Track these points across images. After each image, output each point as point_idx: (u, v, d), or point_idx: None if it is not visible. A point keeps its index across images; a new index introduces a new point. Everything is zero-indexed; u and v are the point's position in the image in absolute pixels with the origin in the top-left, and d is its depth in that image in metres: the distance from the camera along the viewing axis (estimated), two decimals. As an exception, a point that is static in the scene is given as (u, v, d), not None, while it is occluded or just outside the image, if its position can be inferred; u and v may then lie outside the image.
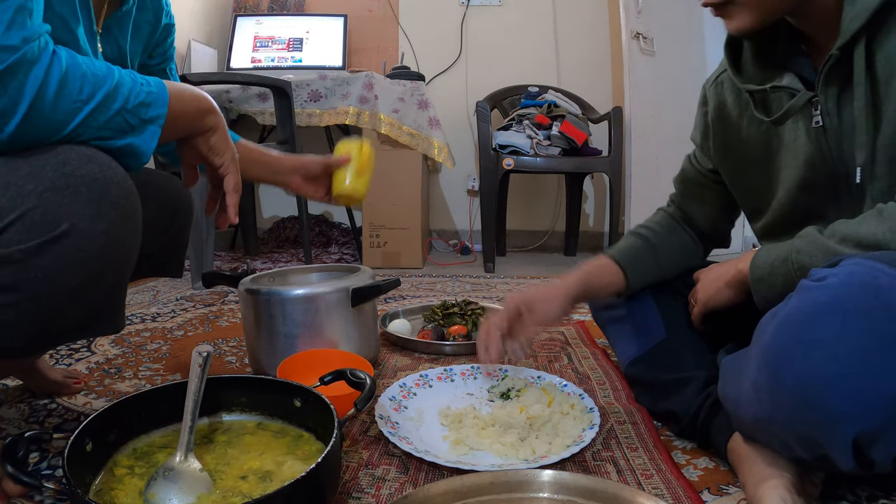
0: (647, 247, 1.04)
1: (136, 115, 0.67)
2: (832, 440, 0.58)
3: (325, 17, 3.02)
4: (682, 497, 0.75)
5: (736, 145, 0.91)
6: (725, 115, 0.92)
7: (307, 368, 1.02)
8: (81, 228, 0.61)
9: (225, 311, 1.77)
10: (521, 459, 0.83)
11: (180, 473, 0.69)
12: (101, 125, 0.64)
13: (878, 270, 0.57)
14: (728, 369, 0.76)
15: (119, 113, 0.65)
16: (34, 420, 0.98)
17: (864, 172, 0.74)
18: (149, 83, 0.69)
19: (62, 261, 0.61)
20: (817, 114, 0.76)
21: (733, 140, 0.92)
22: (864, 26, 0.68)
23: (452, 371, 1.11)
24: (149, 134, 0.68)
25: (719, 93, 0.93)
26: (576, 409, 0.95)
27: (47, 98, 0.59)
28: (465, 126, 3.18)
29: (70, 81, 0.61)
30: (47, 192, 0.60)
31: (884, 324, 0.55)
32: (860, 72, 0.70)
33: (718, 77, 0.93)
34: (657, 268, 1.04)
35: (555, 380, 1.06)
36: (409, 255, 2.64)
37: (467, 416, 0.95)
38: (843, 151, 0.76)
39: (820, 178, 0.79)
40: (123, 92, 0.65)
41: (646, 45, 2.71)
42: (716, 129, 0.95)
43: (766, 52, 0.81)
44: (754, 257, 0.80)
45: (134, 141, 0.67)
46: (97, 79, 0.63)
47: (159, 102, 0.68)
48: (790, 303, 0.62)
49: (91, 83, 0.62)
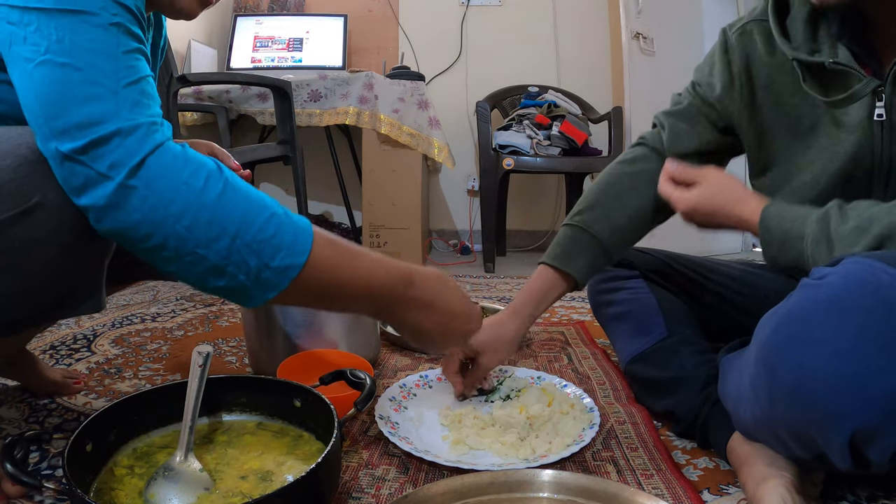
0: (584, 237, 0.99)
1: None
2: (828, 438, 0.58)
3: (325, 17, 3.02)
4: (682, 497, 0.75)
5: (769, 109, 0.86)
6: (757, 73, 0.86)
7: (307, 368, 1.02)
8: (53, 199, 0.61)
9: (225, 311, 1.77)
10: (521, 459, 0.83)
11: (180, 473, 0.69)
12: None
13: (878, 269, 0.57)
14: (728, 368, 0.76)
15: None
16: (34, 420, 0.98)
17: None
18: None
19: (37, 231, 0.61)
20: (881, 105, 0.72)
21: (766, 102, 0.86)
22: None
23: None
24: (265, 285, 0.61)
25: (746, 44, 0.86)
26: (576, 408, 0.95)
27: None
28: (465, 126, 3.17)
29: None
30: (23, 166, 0.60)
31: (883, 322, 0.55)
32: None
33: (746, 25, 0.87)
34: (603, 254, 0.99)
35: (554, 380, 1.06)
36: (409, 255, 2.64)
37: (467, 417, 0.95)
38: (893, 149, 0.74)
39: (859, 171, 0.77)
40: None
41: (646, 45, 2.71)
42: (742, 83, 0.88)
43: (819, 21, 0.75)
44: (765, 217, 0.75)
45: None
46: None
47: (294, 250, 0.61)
48: (790, 300, 0.62)
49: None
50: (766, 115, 0.87)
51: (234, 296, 0.62)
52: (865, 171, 0.77)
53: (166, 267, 0.61)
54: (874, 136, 0.74)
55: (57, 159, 0.57)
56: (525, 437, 0.88)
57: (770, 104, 0.85)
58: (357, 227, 2.91)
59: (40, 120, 0.57)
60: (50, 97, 0.56)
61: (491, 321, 0.99)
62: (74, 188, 0.58)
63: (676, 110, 1.00)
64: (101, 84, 0.56)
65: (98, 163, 0.56)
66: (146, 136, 0.57)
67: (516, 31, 3.16)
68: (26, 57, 0.56)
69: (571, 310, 1.79)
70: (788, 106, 0.83)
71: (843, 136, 0.77)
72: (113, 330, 1.54)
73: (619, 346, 1.09)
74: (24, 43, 0.56)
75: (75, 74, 0.56)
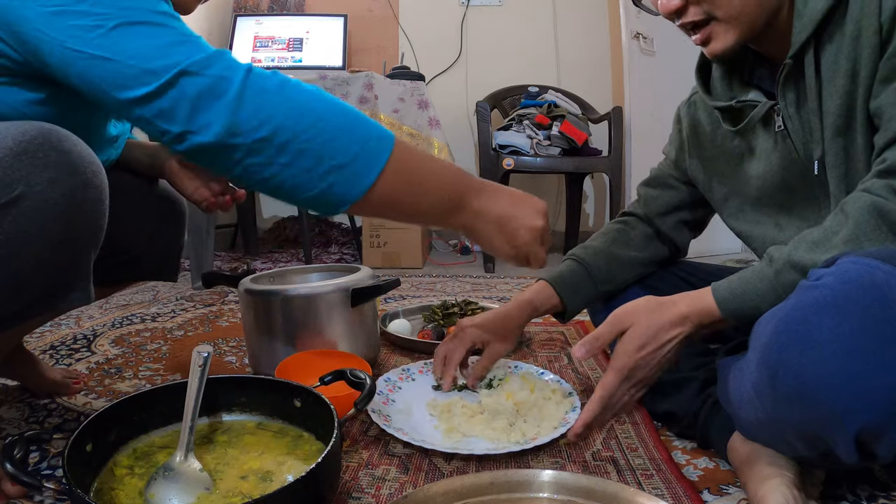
0: (584, 272, 1.06)
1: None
2: (835, 437, 0.58)
3: (325, 17, 3.02)
4: (682, 497, 0.75)
5: (710, 157, 0.97)
6: (700, 132, 0.99)
7: (307, 368, 1.02)
8: (38, 191, 0.61)
9: (225, 311, 1.77)
10: (512, 442, 0.87)
11: (180, 473, 0.69)
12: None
13: (873, 267, 0.58)
14: (727, 371, 0.76)
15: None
16: (34, 420, 0.98)
17: (820, 165, 0.79)
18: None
19: (22, 222, 0.61)
20: (779, 119, 0.82)
21: (707, 153, 0.98)
22: (811, 35, 0.75)
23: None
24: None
25: (692, 112, 1.00)
26: (557, 394, 1.00)
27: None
28: (465, 126, 3.17)
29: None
30: (6, 158, 0.60)
31: (881, 320, 0.55)
32: (811, 75, 0.76)
33: (691, 98, 1.01)
34: (594, 289, 1.06)
35: (532, 368, 1.11)
36: (409, 255, 2.64)
37: (456, 406, 0.98)
38: (808, 150, 0.80)
39: (793, 178, 0.84)
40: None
41: (646, 45, 2.71)
42: (691, 144, 1.01)
43: (732, 73, 0.88)
44: (715, 295, 0.75)
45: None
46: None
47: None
48: (788, 303, 0.62)
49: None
50: (711, 161, 0.98)
51: (341, 179, 0.66)
52: (799, 175, 0.83)
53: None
54: (786, 145, 0.82)
55: (174, 84, 0.61)
56: (514, 422, 0.93)
57: (713, 152, 0.97)
58: (357, 228, 2.91)
59: (136, 65, 0.60)
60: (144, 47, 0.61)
61: (498, 311, 1.07)
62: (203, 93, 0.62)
63: (648, 179, 1.12)
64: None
65: (211, 69, 0.62)
66: (232, 58, 0.64)
67: (516, 31, 3.16)
68: (92, 25, 0.60)
69: (571, 310, 1.79)
70: (723, 147, 0.94)
71: (769, 153, 0.86)
72: (113, 330, 1.54)
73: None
74: (82, 17, 0.60)
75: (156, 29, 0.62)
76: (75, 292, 0.70)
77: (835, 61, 0.74)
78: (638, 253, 1.07)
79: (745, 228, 0.94)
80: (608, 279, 1.06)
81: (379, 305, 1.36)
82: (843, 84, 0.74)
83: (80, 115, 0.74)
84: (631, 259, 1.07)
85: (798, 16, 0.76)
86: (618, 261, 1.06)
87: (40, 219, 0.62)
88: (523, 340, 1.44)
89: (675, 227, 1.08)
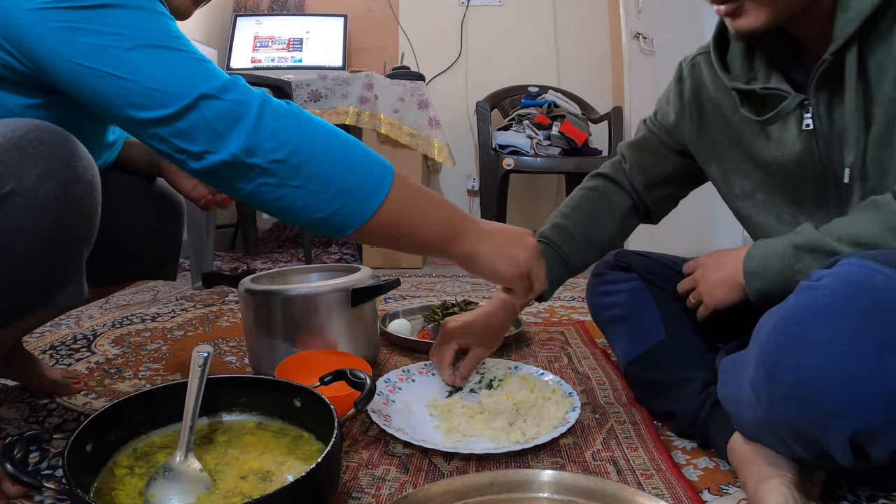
0: (560, 260, 1.05)
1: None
2: (830, 438, 0.58)
3: (325, 17, 3.02)
4: (682, 497, 0.75)
5: (716, 130, 0.92)
6: (703, 98, 0.94)
7: (307, 368, 1.02)
8: (28, 187, 0.61)
9: (225, 311, 1.77)
10: (513, 442, 0.87)
11: (180, 473, 0.69)
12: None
13: (874, 270, 0.58)
14: (727, 370, 0.76)
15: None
16: (34, 420, 0.98)
17: (852, 172, 0.76)
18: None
19: (12, 218, 0.61)
20: (808, 116, 0.77)
21: (713, 124, 0.93)
22: (857, 32, 0.69)
23: (433, 366, 1.12)
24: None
25: (696, 75, 0.94)
26: (556, 394, 1.00)
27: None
28: (465, 126, 3.18)
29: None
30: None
31: (880, 323, 0.55)
32: (852, 76, 0.71)
33: (695, 58, 0.95)
34: (567, 274, 1.07)
35: (531, 369, 1.10)
36: (409, 256, 2.64)
37: (456, 406, 0.98)
38: (832, 153, 0.78)
39: (807, 178, 0.82)
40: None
41: (646, 45, 2.71)
42: (692, 110, 0.96)
43: (754, 52, 0.82)
44: (749, 251, 0.81)
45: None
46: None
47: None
48: (788, 303, 0.62)
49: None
50: (716, 133, 0.93)
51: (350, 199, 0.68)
52: (815, 176, 0.81)
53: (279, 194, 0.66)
54: (810, 145, 0.79)
55: (195, 106, 0.62)
56: (514, 422, 0.93)
57: (719, 123, 0.92)
58: (357, 227, 2.91)
59: (156, 89, 0.61)
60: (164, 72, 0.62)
61: (481, 312, 1.07)
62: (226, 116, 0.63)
63: (637, 141, 1.07)
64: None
65: (230, 94, 0.63)
66: (246, 84, 0.66)
67: (516, 31, 3.16)
68: (106, 45, 0.60)
69: (571, 310, 1.80)
70: (733, 123, 0.89)
71: (787, 148, 0.82)
72: (113, 330, 1.54)
73: (618, 348, 1.09)
74: (94, 35, 0.60)
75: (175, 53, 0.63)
76: (68, 288, 0.70)
77: (882, 64, 0.69)
78: (612, 231, 1.07)
79: (752, 213, 0.91)
80: (581, 263, 1.08)
81: (379, 305, 1.36)
82: (890, 91, 0.69)
83: (78, 119, 0.74)
84: (604, 241, 1.08)
85: (843, 7, 0.69)
86: (592, 245, 1.07)
87: (31, 214, 0.62)
88: (523, 341, 1.44)
89: (659, 201, 1.07)
